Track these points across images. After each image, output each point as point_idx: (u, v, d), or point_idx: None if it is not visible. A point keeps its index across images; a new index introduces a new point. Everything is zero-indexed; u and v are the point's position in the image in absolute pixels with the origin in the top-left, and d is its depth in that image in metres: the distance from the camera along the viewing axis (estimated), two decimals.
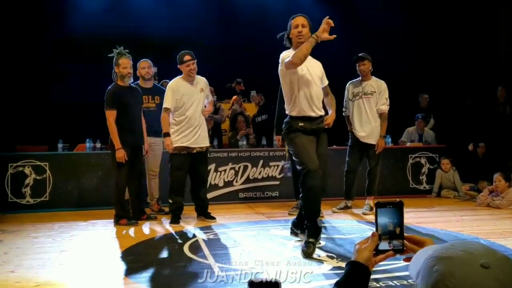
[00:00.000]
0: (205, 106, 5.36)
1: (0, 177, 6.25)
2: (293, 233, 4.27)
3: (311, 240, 3.70)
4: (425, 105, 8.64)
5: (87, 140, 6.69)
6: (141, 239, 4.47)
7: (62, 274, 3.29)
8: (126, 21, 8.68)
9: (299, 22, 3.95)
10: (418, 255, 1.01)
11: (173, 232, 4.80)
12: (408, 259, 1.25)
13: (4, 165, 6.27)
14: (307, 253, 3.62)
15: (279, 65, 3.94)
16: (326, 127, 4.03)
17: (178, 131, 5.13)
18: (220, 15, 9.77)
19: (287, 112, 4.02)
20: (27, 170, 6.33)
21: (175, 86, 5.15)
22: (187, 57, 5.13)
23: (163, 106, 5.17)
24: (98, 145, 6.69)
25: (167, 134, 5.10)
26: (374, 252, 1.26)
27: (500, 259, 0.80)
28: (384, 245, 1.27)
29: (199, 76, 5.30)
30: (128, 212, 5.24)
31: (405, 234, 1.28)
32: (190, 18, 9.23)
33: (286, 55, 3.88)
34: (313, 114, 3.91)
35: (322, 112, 4.02)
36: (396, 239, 1.27)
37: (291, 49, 3.97)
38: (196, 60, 5.18)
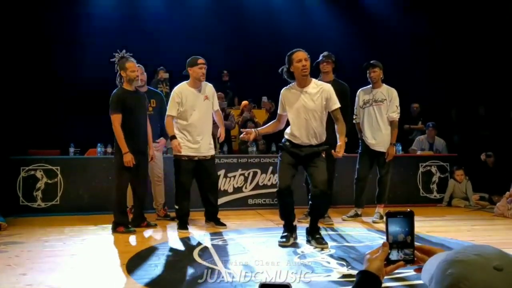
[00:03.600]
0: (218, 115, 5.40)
1: (12, 181, 6.30)
2: (307, 241, 4.34)
3: (285, 234, 4.38)
4: (416, 114, 8.78)
5: (98, 144, 6.73)
6: (151, 244, 4.48)
7: (72, 277, 3.31)
8: (139, 34, 8.73)
9: (301, 56, 4.18)
10: (430, 261, 1.02)
11: (182, 237, 4.81)
12: (419, 270, 1.25)
13: (16, 168, 6.34)
14: (280, 243, 4.28)
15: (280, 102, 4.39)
16: (336, 157, 4.29)
17: (181, 139, 5.08)
18: (232, 24, 9.80)
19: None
20: (38, 174, 6.39)
21: (179, 92, 5.11)
22: (201, 60, 5.12)
23: (167, 113, 5.13)
24: (109, 149, 6.72)
25: (174, 137, 5.05)
26: (385, 262, 1.26)
27: None
28: (394, 255, 1.28)
29: (205, 83, 5.25)
30: (127, 219, 5.15)
31: (416, 244, 1.28)
32: (202, 25, 9.30)
33: (284, 96, 4.34)
34: (298, 142, 4.27)
35: (313, 142, 4.27)
36: (407, 248, 1.28)
37: (294, 83, 4.29)
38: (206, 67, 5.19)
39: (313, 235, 4.32)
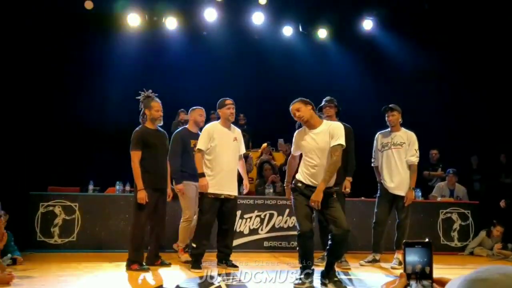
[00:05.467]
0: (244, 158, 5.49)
1: (31, 216, 6.36)
2: (323, 284, 4.24)
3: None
4: (434, 160, 8.65)
5: (117, 182, 6.79)
6: (164, 282, 4.44)
7: None
8: (161, 76, 8.94)
9: (293, 111, 4.32)
10: (450, 284, 0.99)
11: (195, 277, 4.75)
12: None
13: (36, 204, 6.41)
14: (296, 285, 4.10)
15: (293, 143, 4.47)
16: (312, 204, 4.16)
17: (208, 175, 5.11)
18: (252, 67, 10.01)
19: None
20: (57, 210, 6.44)
21: (211, 129, 5.20)
22: (228, 101, 5.25)
23: (196, 147, 5.19)
24: (128, 188, 6.77)
25: (203, 175, 5.10)
26: None
27: None
28: (412, 287, 1.25)
29: (234, 126, 5.39)
30: (142, 257, 5.12)
31: (434, 276, 1.25)
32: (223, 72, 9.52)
33: (296, 138, 4.41)
34: (308, 183, 4.23)
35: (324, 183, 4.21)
36: (425, 279, 1.24)
37: (303, 128, 4.39)
38: (235, 107, 5.30)
39: (331, 279, 4.21)
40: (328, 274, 4.25)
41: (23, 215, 6.33)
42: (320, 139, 4.23)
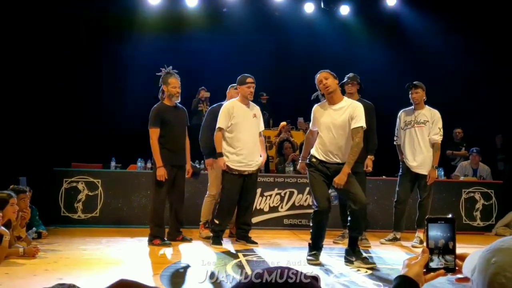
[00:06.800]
0: (260, 134, 5.40)
1: (55, 191, 6.48)
2: (348, 261, 4.24)
3: (313, 252, 4.29)
4: (458, 139, 8.53)
5: (139, 159, 6.86)
6: (185, 257, 4.50)
7: (107, 283, 3.34)
8: (182, 54, 8.91)
9: (321, 77, 4.27)
10: (472, 254, 0.97)
11: (216, 252, 4.80)
12: (460, 280, 1.19)
13: (60, 180, 6.52)
14: (310, 262, 4.21)
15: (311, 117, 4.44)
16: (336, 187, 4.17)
17: (230, 153, 5.12)
18: (273, 45, 9.90)
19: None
20: (80, 186, 6.54)
21: (230, 107, 5.18)
22: (250, 79, 5.18)
23: (217, 125, 5.17)
24: (149, 165, 6.83)
25: (221, 155, 5.11)
26: (424, 270, 1.21)
27: None
28: (435, 262, 1.22)
29: (253, 104, 5.36)
30: (163, 232, 5.20)
31: (458, 252, 1.22)
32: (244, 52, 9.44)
33: (315, 112, 4.38)
34: (322, 158, 4.22)
35: (339, 160, 4.22)
36: (448, 254, 1.22)
37: (324, 101, 4.33)
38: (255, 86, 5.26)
39: (358, 255, 4.21)
40: (354, 252, 4.25)
41: (48, 191, 6.46)
42: (339, 115, 4.19)
